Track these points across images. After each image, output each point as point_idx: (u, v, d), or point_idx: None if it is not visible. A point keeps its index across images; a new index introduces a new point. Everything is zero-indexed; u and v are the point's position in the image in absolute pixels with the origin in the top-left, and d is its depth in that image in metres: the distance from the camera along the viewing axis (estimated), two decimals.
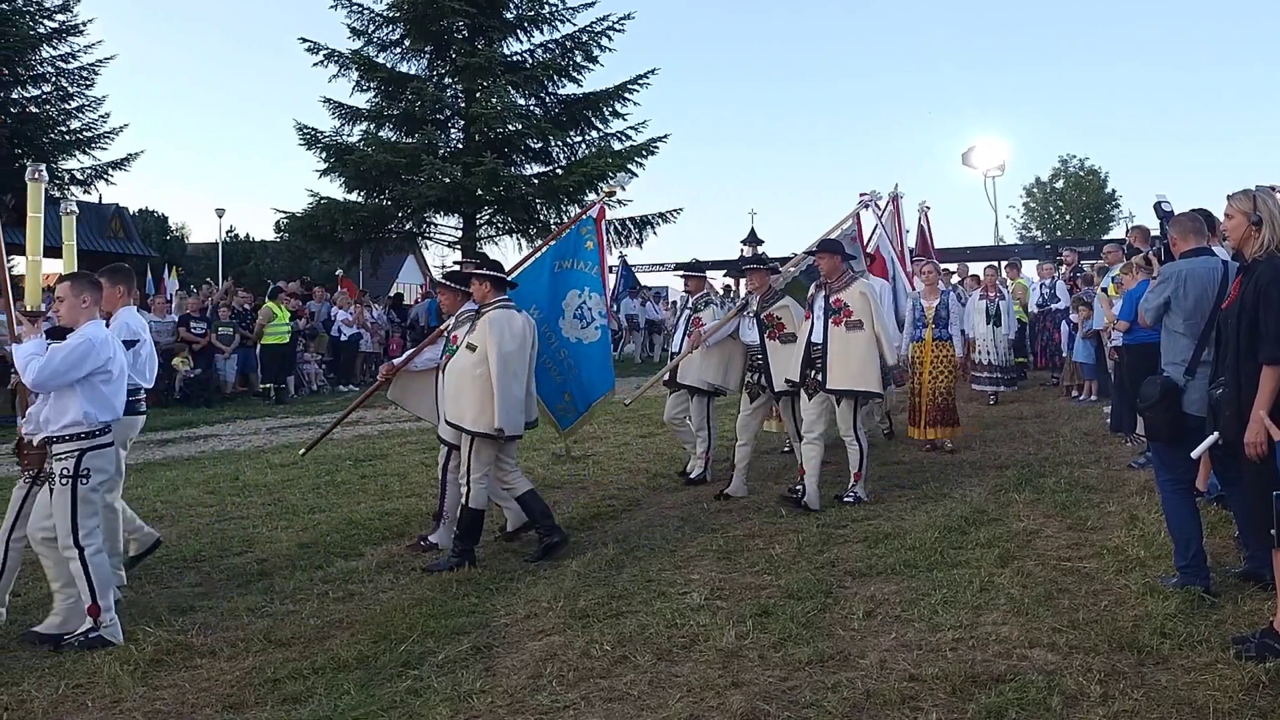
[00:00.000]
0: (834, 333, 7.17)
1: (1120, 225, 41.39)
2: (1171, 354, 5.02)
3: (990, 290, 13.32)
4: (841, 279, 7.30)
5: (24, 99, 22.27)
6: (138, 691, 4.32)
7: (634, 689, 4.11)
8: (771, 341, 7.63)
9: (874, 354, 7.13)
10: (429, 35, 22.95)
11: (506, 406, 6.12)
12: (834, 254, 7.37)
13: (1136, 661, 4.15)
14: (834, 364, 7.15)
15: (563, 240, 7.86)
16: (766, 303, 7.74)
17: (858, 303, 7.17)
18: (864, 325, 7.11)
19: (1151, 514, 6.39)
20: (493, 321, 6.26)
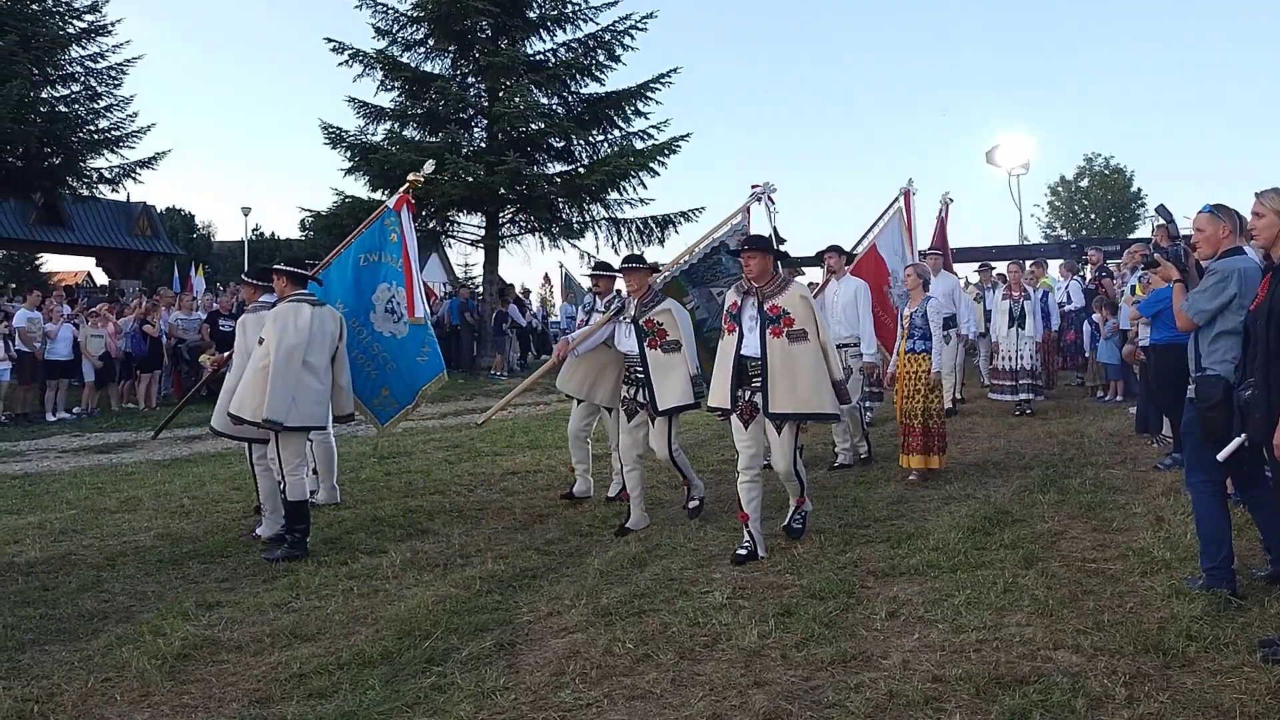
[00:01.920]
0: (774, 345, 6.02)
1: (1146, 225, 41.05)
2: (1223, 353, 4.86)
3: (1015, 289, 12.31)
4: (774, 282, 6.18)
5: (54, 98, 22.48)
6: (165, 686, 4.36)
7: (656, 687, 4.12)
8: (653, 351, 6.78)
9: (823, 369, 6.08)
10: (453, 35, 23.01)
11: (277, 397, 6.39)
12: (764, 252, 6.17)
13: (1162, 664, 4.12)
14: (776, 383, 6.00)
15: (366, 234, 7.90)
16: (646, 306, 6.85)
17: (799, 309, 6.05)
18: (808, 335, 6.02)
19: (1177, 515, 6.36)
20: (277, 315, 6.63)
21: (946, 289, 11.66)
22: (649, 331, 6.78)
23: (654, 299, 6.90)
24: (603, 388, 7.39)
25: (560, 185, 23.04)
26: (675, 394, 6.71)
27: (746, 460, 6.14)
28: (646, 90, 24.00)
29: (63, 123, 21.99)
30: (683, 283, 7.49)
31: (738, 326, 6.14)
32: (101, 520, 7.60)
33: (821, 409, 6.09)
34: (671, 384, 6.71)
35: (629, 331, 6.95)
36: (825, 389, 6.06)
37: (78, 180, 23.05)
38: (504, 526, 7.15)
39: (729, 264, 7.76)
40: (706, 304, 7.78)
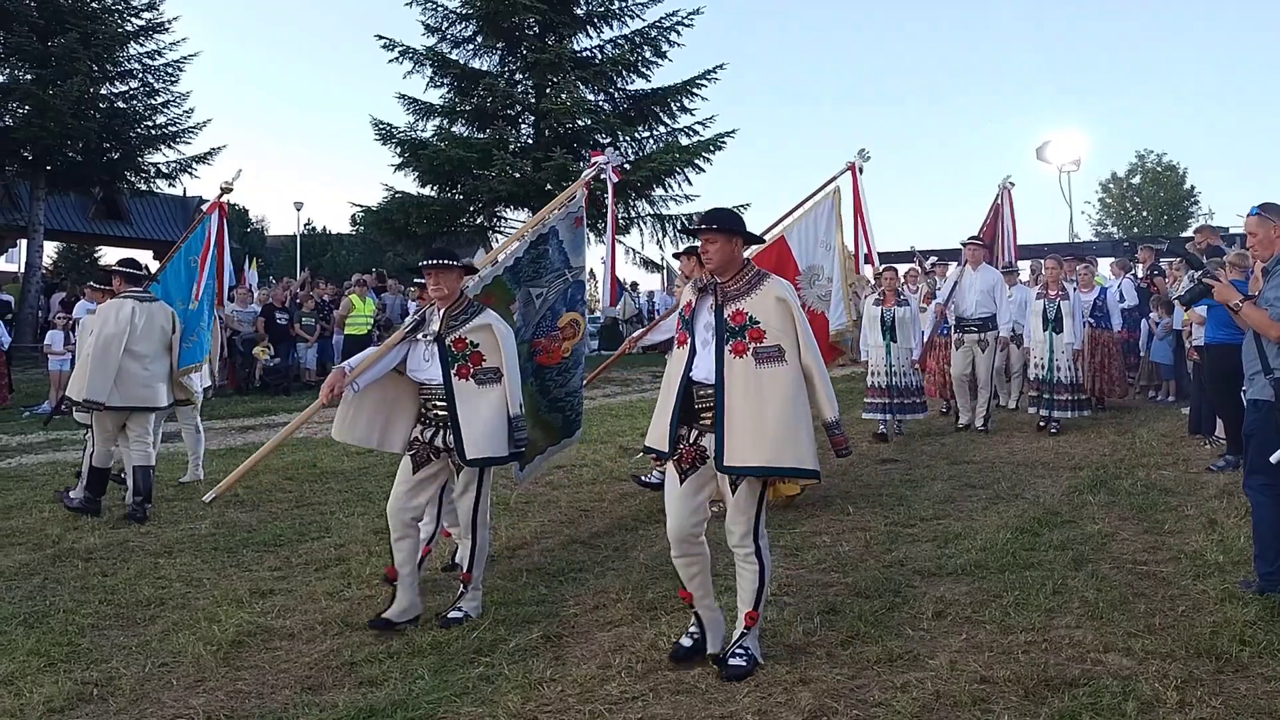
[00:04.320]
0: (734, 367, 4.19)
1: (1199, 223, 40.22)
2: None
3: (1051, 287, 10.68)
4: (740, 277, 4.33)
5: (112, 95, 22.96)
6: (220, 671, 4.46)
7: (701, 682, 4.14)
8: (462, 381, 5.01)
9: (804, 404, 4.22)
10: (501, 32, 23.19)
11: (90, 379, 7.43)
12: (727, 234, 4.29)
13: (1214, 669, 4.07)
14: (735, 421, 4.15)
15: (192, 238, 8.95)
16: (456, 320, 5.06)
17: (774, 316, 4.22)
18: (785, 354, 4.19)
19: (1231, 518, 6.26)
20: (101, 310, 7.76)
21: (985, 285, 10.88)
22: (459, 355, 5.01)
23: (468, 310, 5.10)
24: (399, 432, 5.28)
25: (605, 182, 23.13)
26: (488, 440, 4.96)
27: (677, 528, 4.29)
28: (692, 86, 24.03)
29: (121, 119, 22.47)
30: (508, 283, 5.80)
31: (690, 338, 4.36)
32: (158, 508, 7.76)
33: (799, 463, 4.13)
34: (485, 426, 4.98)
35: (430, 354, 5.09)
36: (804, 434, 4.15)
37: (135, 175, 23.55)
38: (550, 520, 7.21)
39: (556, 257, 6.15)
40: (523, 308, 5.93)
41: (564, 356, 6.22)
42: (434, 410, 5.15)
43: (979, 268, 10.79)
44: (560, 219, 6.14)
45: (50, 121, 19.66)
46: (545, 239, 6.05)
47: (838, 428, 4.33)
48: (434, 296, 5.12)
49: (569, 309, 6.22)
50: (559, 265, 6.15)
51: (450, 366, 5.02)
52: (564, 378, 6.28)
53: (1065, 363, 10.41)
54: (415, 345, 5.21)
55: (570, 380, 6.32)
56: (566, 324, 6.20)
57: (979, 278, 10.72)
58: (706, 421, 4.27)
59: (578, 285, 6.27)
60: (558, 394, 6.28)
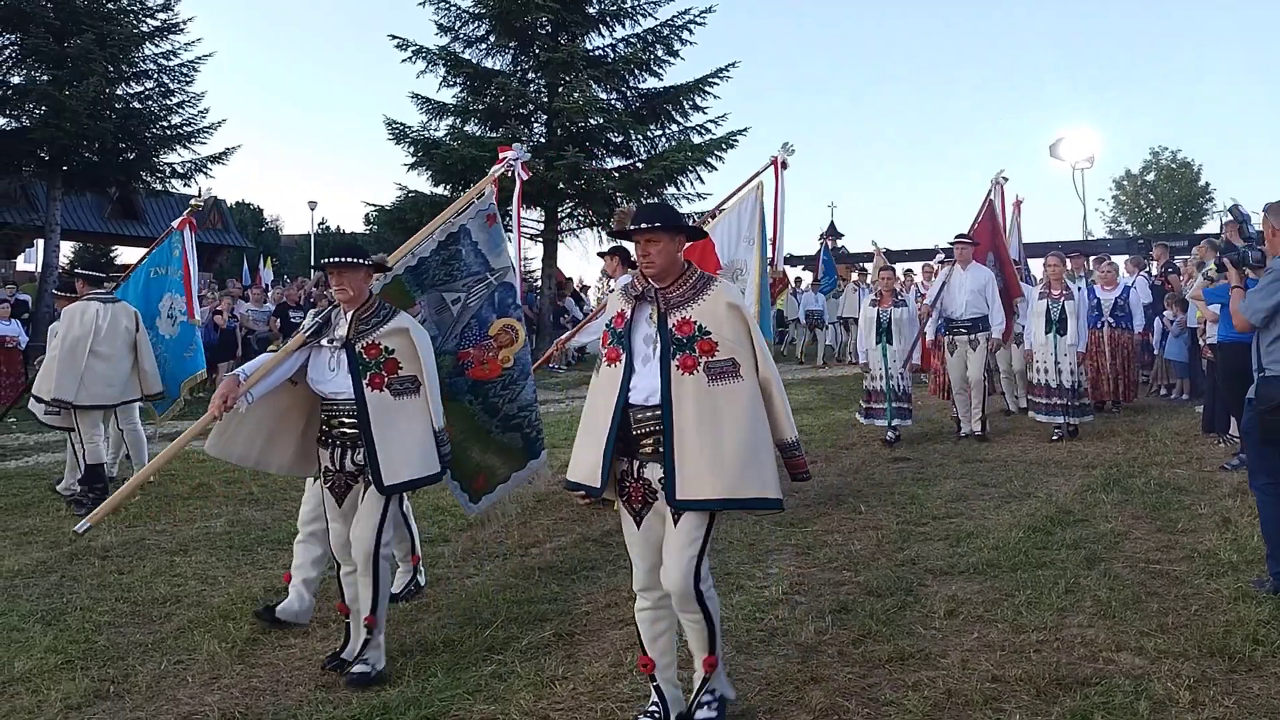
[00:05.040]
0: (684, 386, 3.61)
1: (1214, 220, 40.03)
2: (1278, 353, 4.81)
3: (1054, 286, 10.00)
4: (686, 281, 3.75)
5: (128, 95, 23.05)
6: (235, 669, 4.50)
7: None
8: (376, 393, 4.40)
9: (763, 425, 3.64)
10: (513, 31, 23.20)
11: (57, 379, 7.75)
12: (670, 232, 3.72)
13: (1227, 668, 4.07)
14: (688, 449, 3.57)
15: (158, 250, 9.23)
16: (367, 323, 4.48)
17: (727, 325, 3.68)
18: (741, 369, 3.64)
19: (1245, 517, 6.23)
20: (65, 311, 8.00)
21: (976, 284, 10.18)
22: (371, 363, 4.44)
23: (380, 313, 4.54)
24: (282, 449, 4.73)
25: (619, 180, 23.13)
26: (410, 460, 4.41)
27: (644, 576, 3.79)
28: (705, 85, 23.98)
29: (136, 119, 22.55)
30: (407, 285, 5.21)
31: (624, 353, 3.73)
32: (174, 507, 7.82)
33: (763, 492, 3.57)
34: (404, 444, 4.42)
35: (337, 362, 4.51)
36: (766, 458, 3.61)
37: (151, 175, 23.63)
38: (562, 518, 7.23)
39: (472, 259, 5.52)
40: (436, 316, 5.33)
41: (505, 367, 5.58)
42: (340, 427, 4.49)
43: (969, 267, 10.29)
44: (471, 218, 5.54)
45: (66, 122, 19.76)
46: (456, 239, 5.46)
47: (797, 449, 3.82)
48: (339, 299, 4.53)
49: (501, 315, 5.61)
50: (477, 268, 5.53)
51: (361, 376, 4.41)
52: (511, 391, 5.61)
53: (1069, 366, 9.74)
54: (318, 352, 4.56)
55: (520, 394, 5.66)
56: (499, 331, 5.59)
57: (969, 277, 10.22)
58: (647, 450, 3.67)
59: (505, 288, 5.66)
60: (509, 410, 5.59)
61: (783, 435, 3.75)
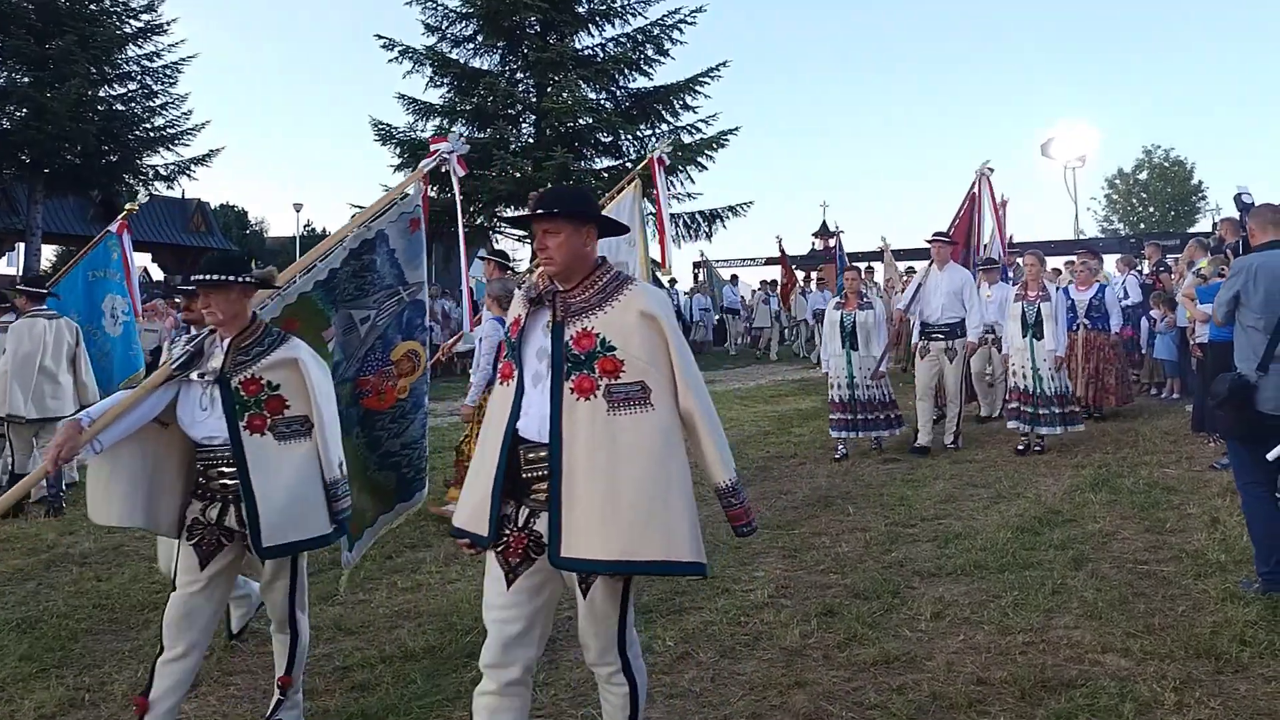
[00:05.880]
0: (577, 414, 2.93)
1: (1206, 218, 40.21)
2: (1243, 350, 4.89)
3: (1031, 288, 9.25)
4: (593, 283, 3.05)
5: (111, 97, 22.98)
6: (212, 676, 4.45)
7: (696, 685, 4.12)
8: (257, 437, 3.67)
9: (676, 469, 2.92)
10: (501, 31, 23.17)
11: (10, 394, 7.96)
12: (579, 220, 3.04)
13: (1214, 669, 4.04)
14: (578, 494, 2.89)
15: (93, 254, 9.34)
16: (247, 354, 3.72)
17: (637, 338, 2.96)
18: (651, 397, 2.94)
19: (1234, 517, 6.21)
20: (13, 329, 8.16)
21: (953, 286, 9.54)
22: (251, 401, 3.68)
23: (265, 340, 3.77)
24: (169, 506, 3.84)
25: (608, 180, 23.08)
26: (293, 518, 3.68)
27: (497, 650, 3.07)
28: (695, 84, 24.00)
29: (119, 121, 22.50)
30: (319, 302, 4.29)
31: (517, 371, 3.09)
32: None
33: (670, 553, 2.84)
34: (288, 498, 3.68)
35: (210, 400, 3.71)
36: (678, 510, 2.87)
37: (134, 177, 23.56)
38: None
39: (387, 270, 4.60)
40: (342, 336, 4.45)
41: (399, 398, 4.68)
42: (219, 479, 3.72)
43: (946, 267, 9.63)
44: (391, 222, 4.63)
45: (48, 124, 19.70)
46: (372, 246, 4.50)
47: (735, 496, 3.11)
48: (210, 323, 3.75)
49: (406, 337, 4.72)
50: (391, 281, 4.61)
51: (239, 418, 3.66)
52: (399, 425, 4.68)
53: (1048, 371, 9.06)
54: (188, 388, 3.75)
55: (408, 429, 4.71)
56: (402, 356, 4.70)
57: (946, 278, 9.56)
58: (539, 497, 2.96)
59: (416, 307, 4.78)
60: (391, 446, 4.65)
61: (715, 478, 3.09)
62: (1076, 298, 11.16)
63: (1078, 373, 10.87)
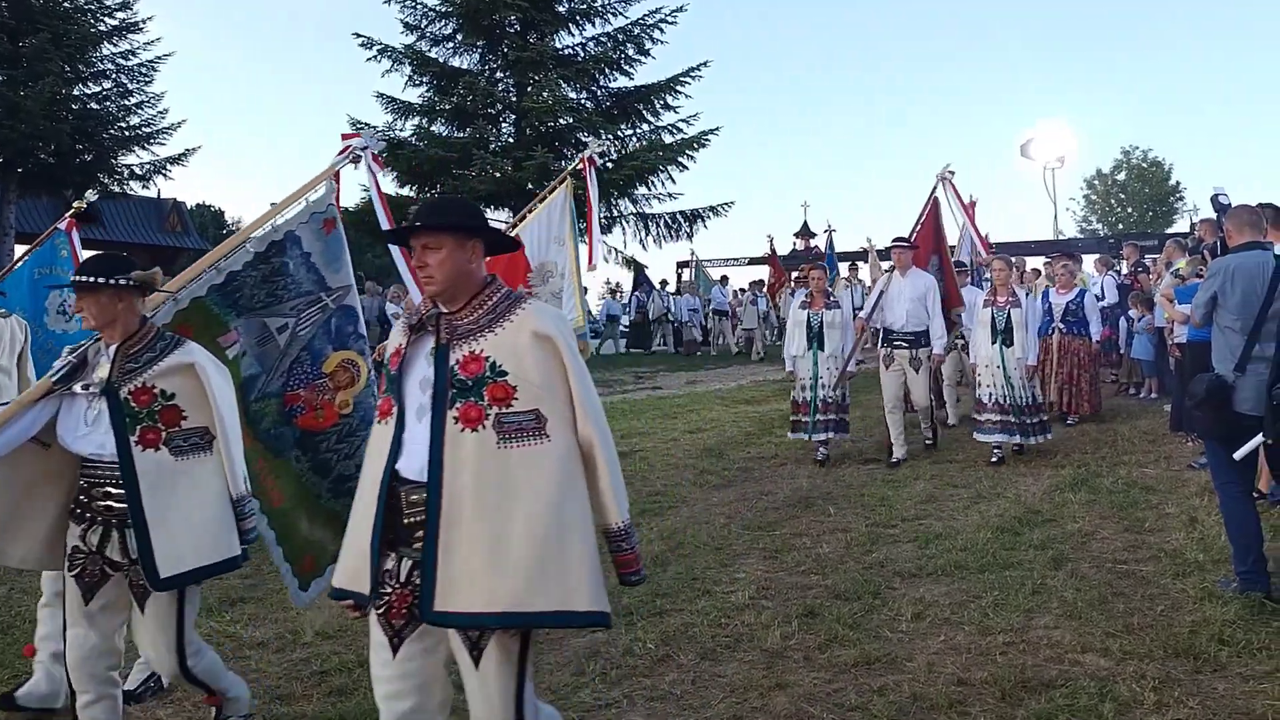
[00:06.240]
0: (463, 449, 2.63)
1: (1184, 219, 40.52)
2: (1221, 351, 4.92)
3: (1000, 294, 8.88)
4: (481, 303, 2.77)
5: (85, 96, 22.78)
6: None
7: (677, 688, 4.10)
8: (150, 453, 3.33)
9: (575, 507, 2.62)
10: (481, 30, 23.09)
11: None
12: (464, 234, 2.76)
13: (1192, 669, 4.05)
14: (461, 538, 2.58)
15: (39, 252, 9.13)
16: (137, 361, 3.39)
17: (531, 361, 2.68)
18: (548, 424, 2.65)
19: (1212, 516, 6.24)
20: None
21: (916, 293, 9.07)
22: (143, 413, 3.35)
23: (157, 345, 3.44)
24: (28, 536, 3.47)
25: None
26: (197, 543, 3.36)
27: None
28: (676, 84, 24.01)
29: (94, 120, 22.29)
30: (215, 309, 3.95)
31: (397, 406, 2.77)
32: None
33: (566, 603, 2.54)
34: (189, 521, 3.36)
35: (96, 413, 3.38)
36: (578, 553, 2.57)
37: (109, 177, 23.34)
38: None
39: (304, 275, 4.21)
40: (257, 347, 4.08)
41: (343, 414, 4.24)
42: (104, 499, 3.36)
43: (909, 273, 9.19)
44: (302, 223, 4.25)
45: (21, 123, 19.48)
46: (281, 249, 4.14)
47: (626, 539, 2.76)
48: (94, 325, 3.39)
49: (338, 347, 4.29)
50: (310, 287, 4.24)
51: (129, 432, 3.30)
52: (349, 445, 4.24)
53: (1019, 380, 8.72)
54: (71, 402, 3.39)
55: (360, 447, 4.03)
56: (336, 368, 4.26)
57: (909, 285, 9.11)
58: (408, 539, 2.66)
59: (345, 313, 4.35)
60: (345, 469, 4.17)
61: (607, 519, 2.73)
62: (1055, 301, 11.05)
63: (1051, 377, 10.72)
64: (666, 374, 19.25)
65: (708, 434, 11.03)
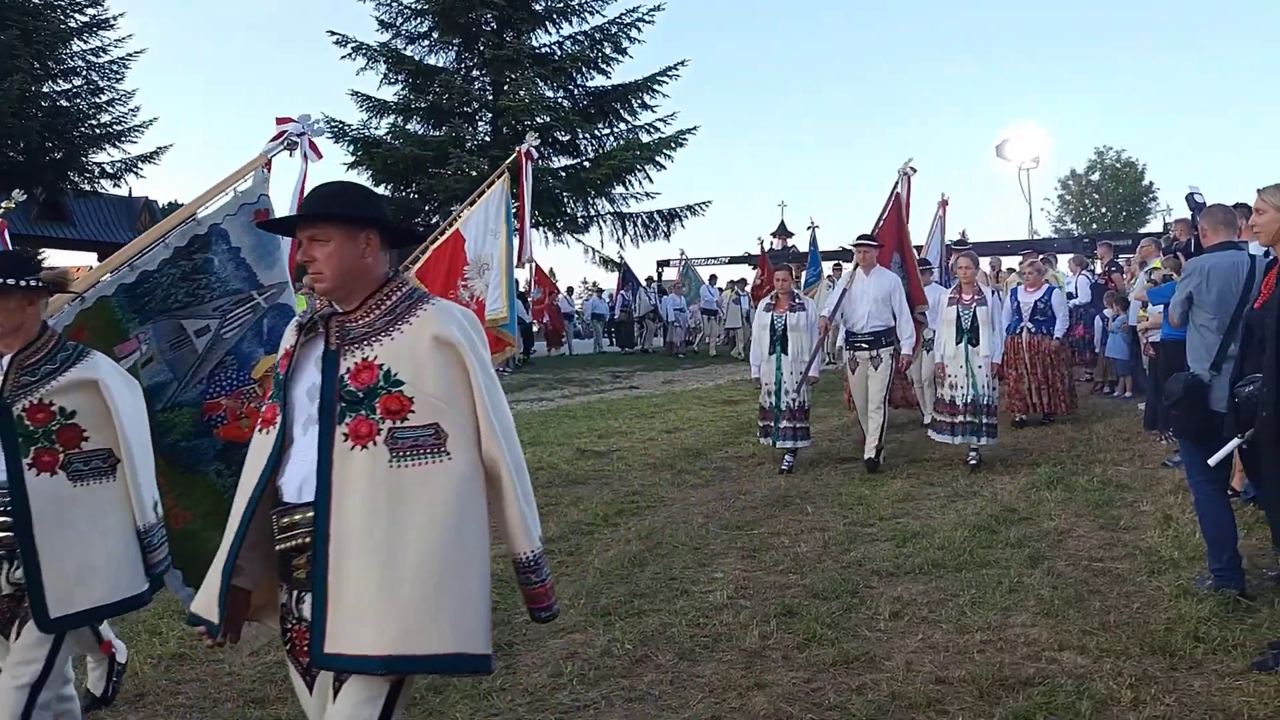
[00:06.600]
0: (351, 468, 2.32)
1: (1157, 219, 40.97)
2: (1197, 350, 4.95)
3: (965, 291, 8.70)
4: (379, 303, 2.47)
5: (55, 93, 22.55)
6: (160, 685, 4.33)
7: (655, 689, 4.08)
8: (45, 478, 3.04)
9: (474, 537, 2.36)
10: (457, 28, 23.00)
11: None
12: (356, 225, 2.46)
13: (1168, 666, 4.06)
14: (348, 572, 2.28)
15: None
16: (32, 372, 3.08)
17: (430, 369, 2.38)
18: (449, 441, 2.35)
19: (1186, 514, 6.28)
20: None
21: (880, 292, 8.76)
22: (37, 431, 3.03)
23: (59, 355, 3.12)
24: None
25: (565, 180, 23.04)
26: (93, 579, 3.06)
27: None
28: (653, 83, 24.01)
29: (64, 117, 22.10)
30: (118, 311, 3.61)
31: (282, 415, 2.46)
32: None
33: (460, 644, 2.29)
34: (85, 555, 3.06)
35: None
36: (473, 590, 2.34)
37: (79, 175, 23.13)
38: None
39: (231, 273, 3.89)
40: (170, 351, 3.75)
41: None
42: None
43: (872, 272, 8.90)
44: (229, 215, 3.88)
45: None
46: (205, 244, 3.75)
47: (537, 570, 2.53)
48: None
49: (271, 349, 3.82)
50: (238, 285, 3.87)
51: (22, 453, 2.98)
52: None
53: (985, 379, 8.50)
54: None
55: None
56: (267, 373, 3.79)
57: (873, 283, 8.82)
58: (302, 574, 2.38)
59: (279, 312, 3.95)
60: None
61: (514, 547, 2.49)
62: (1023, 299, 10.95)
63: (1024, 378, 10.60)
64: (643, 373, 19.23)
65: (685, 434, 11.02)
